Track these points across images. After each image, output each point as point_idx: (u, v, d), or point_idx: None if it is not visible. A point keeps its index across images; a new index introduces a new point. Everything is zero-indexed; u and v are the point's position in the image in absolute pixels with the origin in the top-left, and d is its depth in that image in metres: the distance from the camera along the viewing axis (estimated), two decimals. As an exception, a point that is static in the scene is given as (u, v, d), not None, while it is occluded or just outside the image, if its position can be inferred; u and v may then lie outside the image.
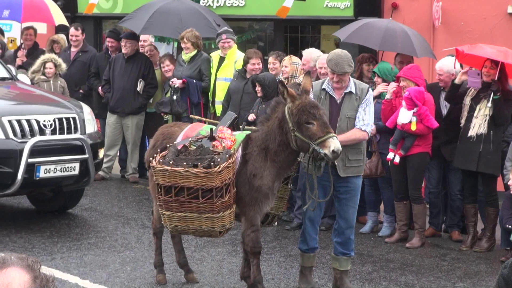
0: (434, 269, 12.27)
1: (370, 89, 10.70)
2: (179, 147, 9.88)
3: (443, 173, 13.97)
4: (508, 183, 12.29)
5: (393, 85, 13.51)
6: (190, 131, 10.42)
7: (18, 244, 12.36)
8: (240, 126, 12.37)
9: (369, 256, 12.78)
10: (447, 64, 13.77)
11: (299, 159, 10.33)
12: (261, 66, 15.02)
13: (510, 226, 12.40)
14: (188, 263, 11.08)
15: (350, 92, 10.37)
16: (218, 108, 15.49)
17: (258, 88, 14.18)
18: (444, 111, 13.58)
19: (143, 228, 13.64)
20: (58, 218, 14.12)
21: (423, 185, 13.83)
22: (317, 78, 13.79)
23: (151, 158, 10.10)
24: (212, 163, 9.41)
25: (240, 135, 10.16)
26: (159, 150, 10.16)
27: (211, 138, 9.90)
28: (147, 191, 16.47)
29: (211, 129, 10.08)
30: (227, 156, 9.54)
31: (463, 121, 13.01)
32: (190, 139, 10.05)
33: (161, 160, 9.69)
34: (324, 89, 10.42)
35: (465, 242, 13.25)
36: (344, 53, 10.47)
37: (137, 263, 11.86)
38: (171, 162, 9.58)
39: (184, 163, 9.53)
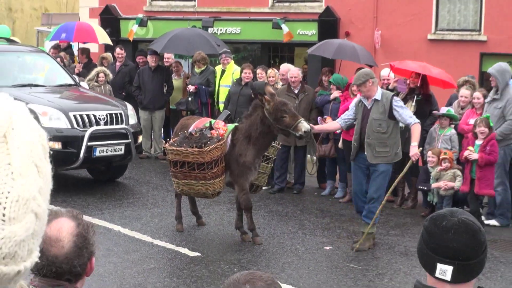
0: (373, 221, 12.30)
1: (394, 96, 10.50)
2: (187, 134, 10.36)
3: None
4: (428, 159, 12.33)
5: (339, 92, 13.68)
6: (199, 123, 10.79)
7: (77, 203, 12.37)
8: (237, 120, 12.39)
9: (328, 212, 12.80)
10: (386, 72, 13.88)
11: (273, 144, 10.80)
12: (251, 75, 15.05)
13: (421, 187, 12.54)
14: (198, 211, 11.37)
15: (377, 100, 10.20)
16: (221, 107, 15.50)
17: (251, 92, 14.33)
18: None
19: (167, 192, 13.64)
20: (106, 185, 14.13)
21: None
22: (289, 85, 13.86)
23: (171, 141, 10.72)
24: (203, 145, 9.97)
25: (231, 126, 10.56)
26: (177, 137, 10.65)
27: (210, 128, 10.35)
28: (170, 165, 16.54)
29: (210, 122, 10.57)
30: (216, 140, 10.06)
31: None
32: (196, 129, 10.43)
33: (171, 142, 10.40)
34: (360, 100, 10.43)
35: (396, 202, 13.27)
36: (362, 71, 10.53)
37: (162, 216, 11.90)
38: (176, 144, 10.22)
39: (184, 145, 10.13)
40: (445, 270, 2.87)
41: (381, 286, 8.91)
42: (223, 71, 15.95)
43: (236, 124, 10.71)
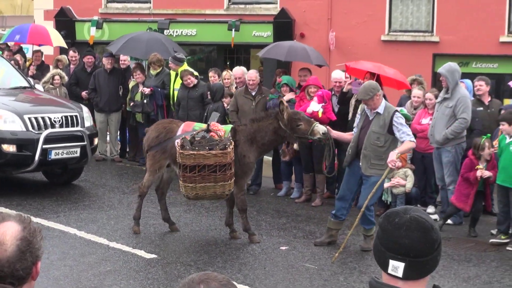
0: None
1: (397, 112, 10.25)
2: (187, 138, 10.12)
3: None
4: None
5: (293, 94, 13.70)
6: (186, 127, 10.71)
7: (33, 206, 12.23)
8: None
9: (284, 212, 12.81)
10: (338, 75, 13.86)
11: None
12: (193, 79, 14.96)
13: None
14: (170, 218, 11.15)
15: (379, 113, 10.11)
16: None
17: (208, 94, 14.28)
18: (336, 109, 13.61)
19: (123, 194, 13.55)
20: (62, 188, 13.98)
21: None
22: (246, 87, 13.82)
23: (154, 145, 10.70)
24: (226, 146, 9.90)
25: (227, 127, 10.63)
26: (163, 140, 10.66)
27: (207, 131, 10.21)
28: (126, 167, 16.43)
29: (208, 125, 10.41)
30: (229, 141, 10.03)
31: (350, 116, 13.06)
32: (191, 133, 10.24)
33: (180, 147, 9.96)
34: (364, 108, 10.34)
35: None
36: (368, 84, 10.32)
37: (118, 218, 11.79)
38: (196, 148, 9.91)
39: (207, 148, 9.91)
40: (397, 267, 2.88)
41: (336, 285, 8.93)
42: (176, 75, 15.87)
43: (231, 125, 10.86)
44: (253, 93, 13.77)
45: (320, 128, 10.15)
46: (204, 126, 10.48)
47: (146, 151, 11.02)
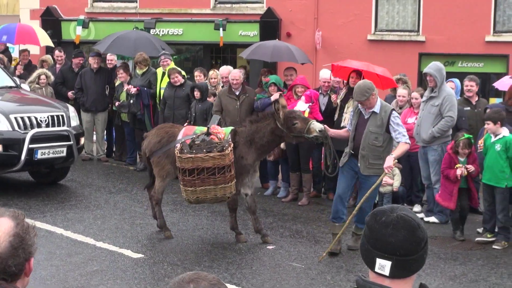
0: (316, 220, 12.34)
1: (393, 111, 10.09)
2: (187, 142, 10.10)
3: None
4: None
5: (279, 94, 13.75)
6: (187, 131, 10.62)
7: (19, 206, 12.15)
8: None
9: (271, 211, 12.81)
10: (326, 74, 13.86)
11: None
12: (180, 78, 14.99)
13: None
14: (166, 225, 10.93)
15: (375, 112, 9.89)
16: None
17: (197, 93, 14.24)
18: (322, 108, 13.61)
19: (109, 193, 13.53)
20: (48, 187, 13.93)
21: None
22: (230, 87, 13.77)
23: (156, 150, 10.63)
24: (224, 148, 9.82)
25: (227, 129, 10.55)
26: (165, 145, 10.59)
27: (207, 134, 10.17)
28: (113, 167, 16.40)
29: (208, 128, 10.36)
30: (228, 142, 9.97)
31: (336, 116, 13.08)
32: (193, 136, 10.20)
33: (179, 151, 9.93)
34: (357, 106, 10.10)
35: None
36: (363, 84, 9.96)
37: (105, 218, 11.77)
38: (193, 152, 9.86)
39: (204, 150, 9.85)
40: (383, 265, 2.88)
41: (323, 284, 8.94)
42: (163, 73, 15.86)
43: (232, 127, 10.71)
44: (237, 93, 13.67)
45: (317, 126, 10.04)
46: (205, 129, 10.41)
47: (148, 156, 10.96)
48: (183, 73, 15.53)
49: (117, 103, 16.22)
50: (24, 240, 3.02)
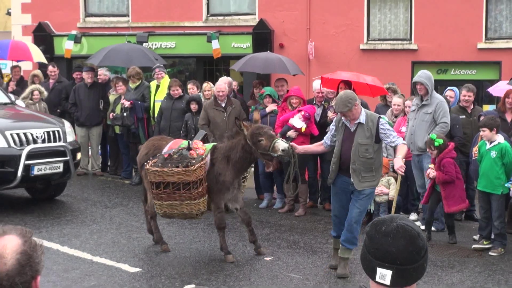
0: (313, 230, 12.33)
1: (380, 118, 9.67)
2: (165, 156, 10.10)
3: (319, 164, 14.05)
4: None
5: (275, 104, 13.77)
6: (173, 144, 10.54)
7: (14, 222, 12.12)
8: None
9: (267, 223, 12.80)
10: (319, 85, 13.90)
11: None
12: (180, 91, 15.04)
13: None
14: (162, 238, 10.91)
15: (361, 123, 9.41)
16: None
17: (194, 106, 14.25)
18: (317, 118, 13.63)
19: (105, 208, 13.51)
20: (43, 203, 13.91)
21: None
22: (215, 99, 13.68)
23: (144, 163, 10.42)
24: (188, 164, 9.75)
25: (209, 145, 10.38)
26: (151, 157, 10.44)
27: (188, 148, 10.12)
28: (108, 181, 16.38)
29: (188, 142, 10.34)
30: (199, 159, 9.86)
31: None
32: (173, 150, 10.19)
33: (152, 164, 10.02)
34: (341, 119, 9.63)
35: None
36: (345, 95, 9.45)
37: (101, 233, 11.75)
38: (159, 165, 9.89)
39: (169, 165, 9.85)
40: (384, 275, 2.89)
41: (322, 294, 8.93)
42: (157, 86, 15.87)
43: (214, 143, 10.54)
44: (223, 105, 13.60)
45: (281, 145, 9.55)
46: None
47: (140, 169, 11.01)
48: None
49: (111, 115, 16.24)
50: (31, 258, 3.02)
